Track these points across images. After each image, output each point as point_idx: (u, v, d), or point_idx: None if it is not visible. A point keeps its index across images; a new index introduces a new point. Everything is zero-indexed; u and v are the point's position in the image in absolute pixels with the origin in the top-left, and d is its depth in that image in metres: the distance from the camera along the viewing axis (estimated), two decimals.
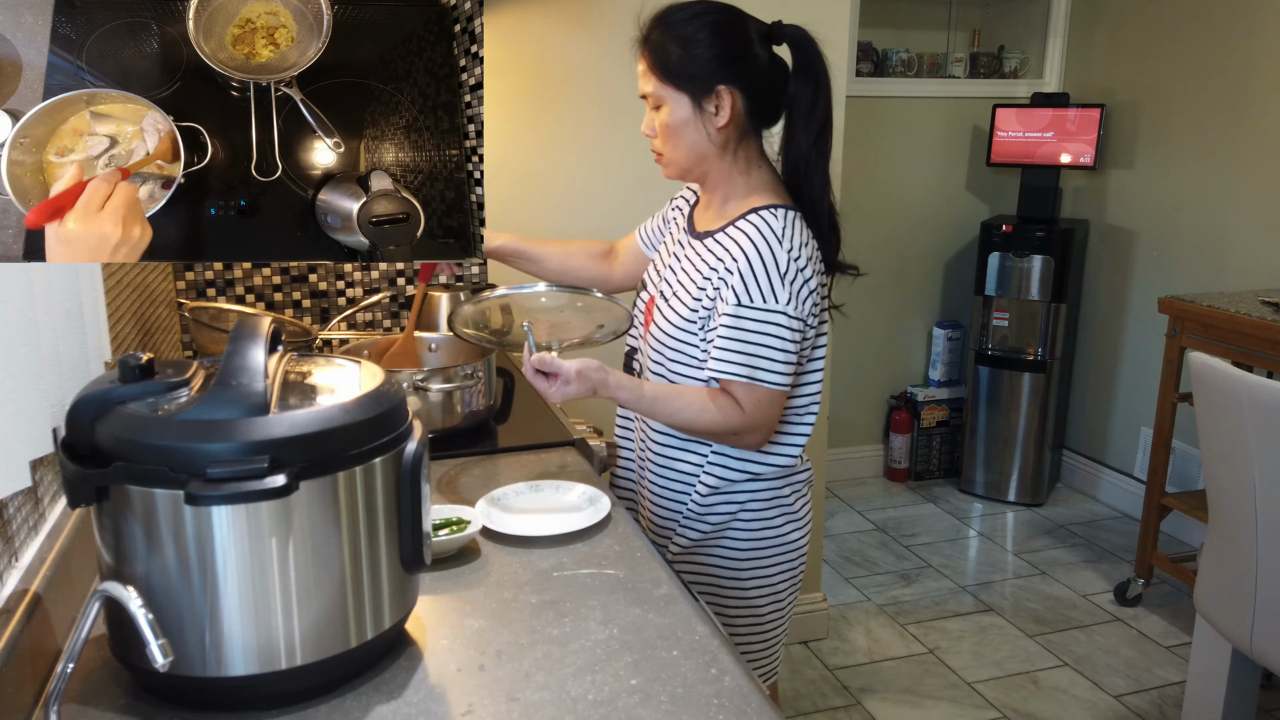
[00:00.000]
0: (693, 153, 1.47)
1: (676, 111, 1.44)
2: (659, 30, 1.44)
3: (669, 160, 1.49)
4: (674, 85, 1.43)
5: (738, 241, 1.44)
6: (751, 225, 1.44)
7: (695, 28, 1.42)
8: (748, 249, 1.42)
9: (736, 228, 1.46)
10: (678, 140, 1.46)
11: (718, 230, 1.50)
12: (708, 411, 1.43)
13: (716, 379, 1.44)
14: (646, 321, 1.59)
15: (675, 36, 1.42)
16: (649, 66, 1.44)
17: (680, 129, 1.45)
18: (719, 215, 1.52)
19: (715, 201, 1.54)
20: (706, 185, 1.54)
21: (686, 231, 1.58)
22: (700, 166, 1.49)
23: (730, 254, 1.44)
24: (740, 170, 1.50)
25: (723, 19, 1.43)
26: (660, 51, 1.43)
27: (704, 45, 1.41)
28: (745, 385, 1.42)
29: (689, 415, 1.44)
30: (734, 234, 1.46)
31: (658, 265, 1.63)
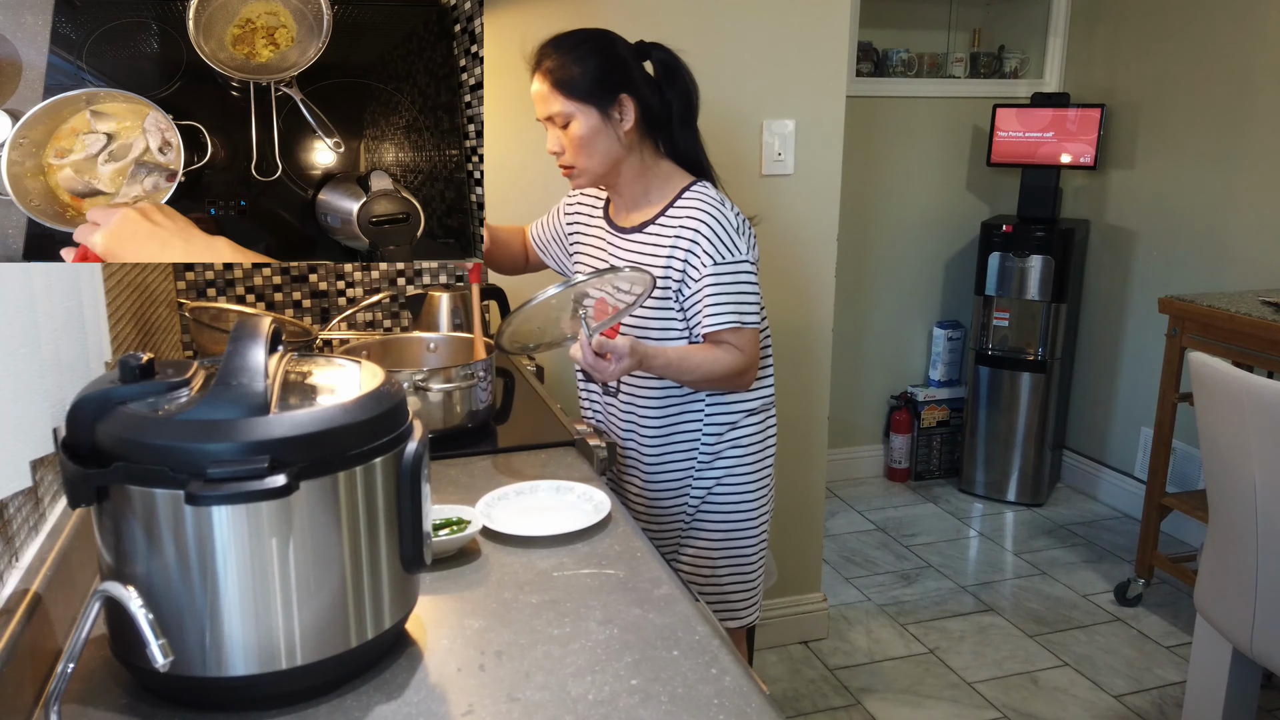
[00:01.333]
0: (606, 158, 1.64)
1: (587, 123, 1.60)
2: (554, 57, 1.60)
3: (582, 170, 1.65)
4: (581, 100, 1.59)
5: (690, 216, 1.63)
6: (695, 200, 1.65)
7: (588, 50, 1.60)
8: (703, 218, 1.62)
9: (679, 207, 1.66)
10: (591, 150, 1.62)
11: (658, 216, 1.68)
12: (720, 360, 1.61)
13: (710, 333, 1.62)
14: None
15: (573, 59, 1.59)
16: (553, 87, 1.59)
17: (593, 139, 1.61)
18: (647, 206, 1.71)
19: (635, 196, 1.71)
20: (618, 186, 1.71)
21: (613, 231, 1.75)
22: (614, 171, 1.67)
23: (686, 228, 1.63)
24: (650, 166, 1.70)
25: (605, 40, 1.63)
26: (560, 73, 1.59)
27: (595, 63, 1.59)
28: (734, 330, 1.62)
29: (708, 367, 1.61)
30: (679, 213, 1.65)
31: (593, 269, 1.77)
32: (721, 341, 1.63)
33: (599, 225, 1.80)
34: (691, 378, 1.63)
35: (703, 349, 1.63)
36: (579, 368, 1.84)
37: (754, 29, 2.44)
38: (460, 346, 1.80)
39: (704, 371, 1.61)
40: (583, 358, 1.50)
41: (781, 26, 2.43)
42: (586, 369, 1.51)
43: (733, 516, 1.77)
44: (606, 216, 1.79)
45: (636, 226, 1.71)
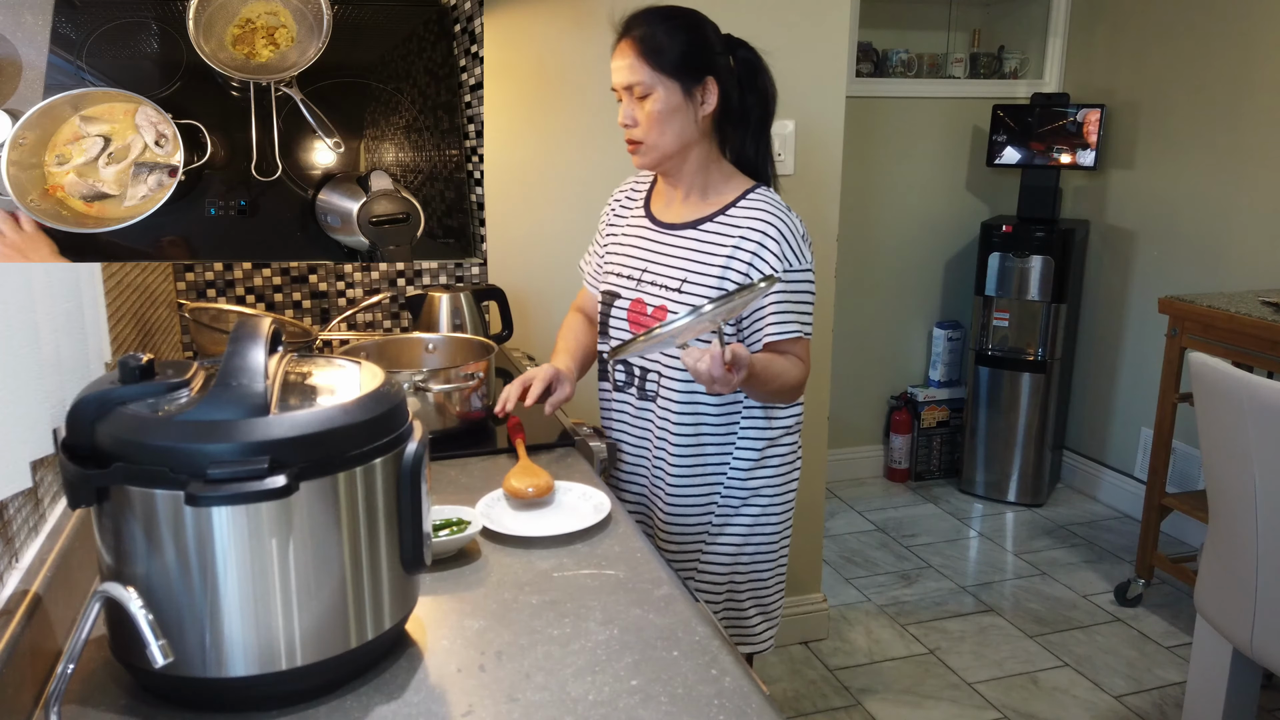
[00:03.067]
0: (679, 139, 1.56)
1: (668, 99, 1.52)
2: (646, 25, 1.53)
3: (651, 147, 1.56)
4: (667, 74, 1.51)
5: (758, 219, 1.55)
6: (762, 204, 1.57)
7: (681, 24, 1.54)
8: (773, 222, 1.54)
9: (742, 209, 1.58)
10: (664, 127, 1.54)
11: (715, 215, 1.59)
12: (790, 371, 1.54)
13: (774, 342, 1.54)
14: (641, 323, 1.63)
15: (664, 30, 1.52)
16: (640, 56, 1.51)
17: (670, 116, 1.53)
18: (702, 203, 1.62)
19: (692, 188, 1.63)
20: (679, 175, 1.62)
21: (656, 228, 1.66)
22: (681, 155, 1.58)
23: (752, 229, 1.55)
24: (714, 160, 1.62)
25: (698, 20, 1.57)
26: (652, 42, 1.51)
27: (689, 39, 1.53)
28: (795, 340, 1.55)
29: (784, 378, 1.53)
30: (742, 215, 1.57)
31: (626, 269, 1.68)
32: (785, 352, 1.55)
33: (638, 221, 1.70)
34: (767, 389, 1.52)
35: (778, 358, 1.53)
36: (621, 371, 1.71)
37: (754, 29, 2.43)
38: (460, 347, 1.80)
39: (780, 383, 1.52)
40: (708, 369, 1.34)
41: (781, 26, 2.43)
42: (706, 380, 1.35)
43: (757, 536, 1.68)
44: (649, 212, 1.70)
45: (688, 223, 1.62)
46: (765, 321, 1.55)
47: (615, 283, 1.69)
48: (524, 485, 1.39)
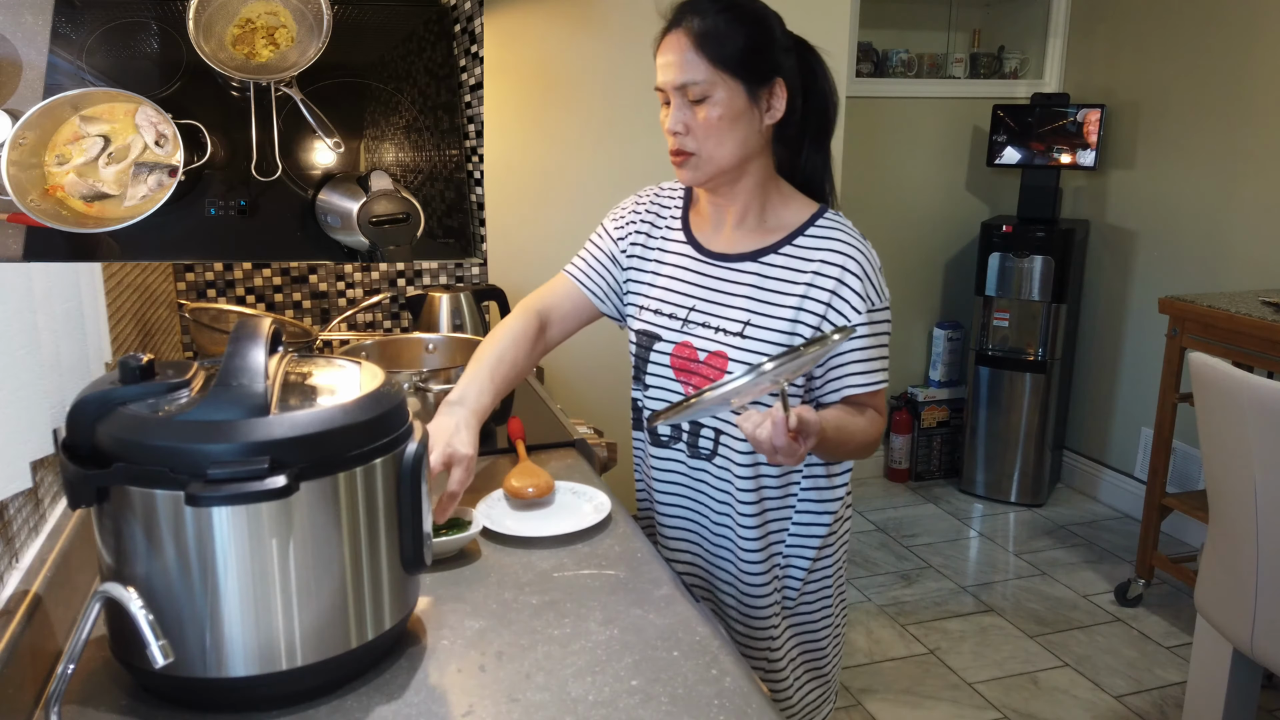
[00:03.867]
0: (740, 151, 1.30)
1: (733, 102, 1.27)
2: (706, 14, 1.26)
3: (707, 159, 1.30)
4: (730, 72, 1.26)
5: (835, 250, 1.32)
6: (837, 233, 1.34)
7: (744, 14, 1.28)
8: (853, 255, 1.32)
9: (814, 237, 1.34)
10: (725, 136, 1.28)
11: (782, 244, 1.35)
12: (868, 429, 1.32)
13: (858, 395, 1.33)
14: (688, 370, 1.39)
15: (726, 20, 1.26)
16: (697, 49, 1.25)
17: (732, 123, 1.27)
18: (761, 228, 1.37)
19: (748, 213, 1.38)
20: (733, 194, 1.36)
21: (704, 259, 1.40)
22: (739, 169, 1.33)
23: (827, 264, 1.32)
24: (773, 178, 1.37)
25: (764, 11, 1.31)
26: (713, 35, 1.25)
27: (755, 32, 1.27)
28: (876, 392, 1.34)
29: (861, 437, 1.31)
30: (816, 245, 1.33)
31: (668, 306, 1.41)
32: (865, 405, 1.34)
33: (678, 248, 1.43)
34: (841, 451, 1.31)
35: (854, 415, 1.32)
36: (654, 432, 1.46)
37: None
38: (460, 347, 1.80)
39: (856, 443, 1.31)
40: (769, 438, 1.12)
41: None
42: (767, 450, 1.13)
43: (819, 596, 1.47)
44: (691, 239, 1.43)
45: (747, 254, 1.36)
46: (847, 371, 1.32)
47: (654, 321, 1.43)
48: (524, 485, 1.39)
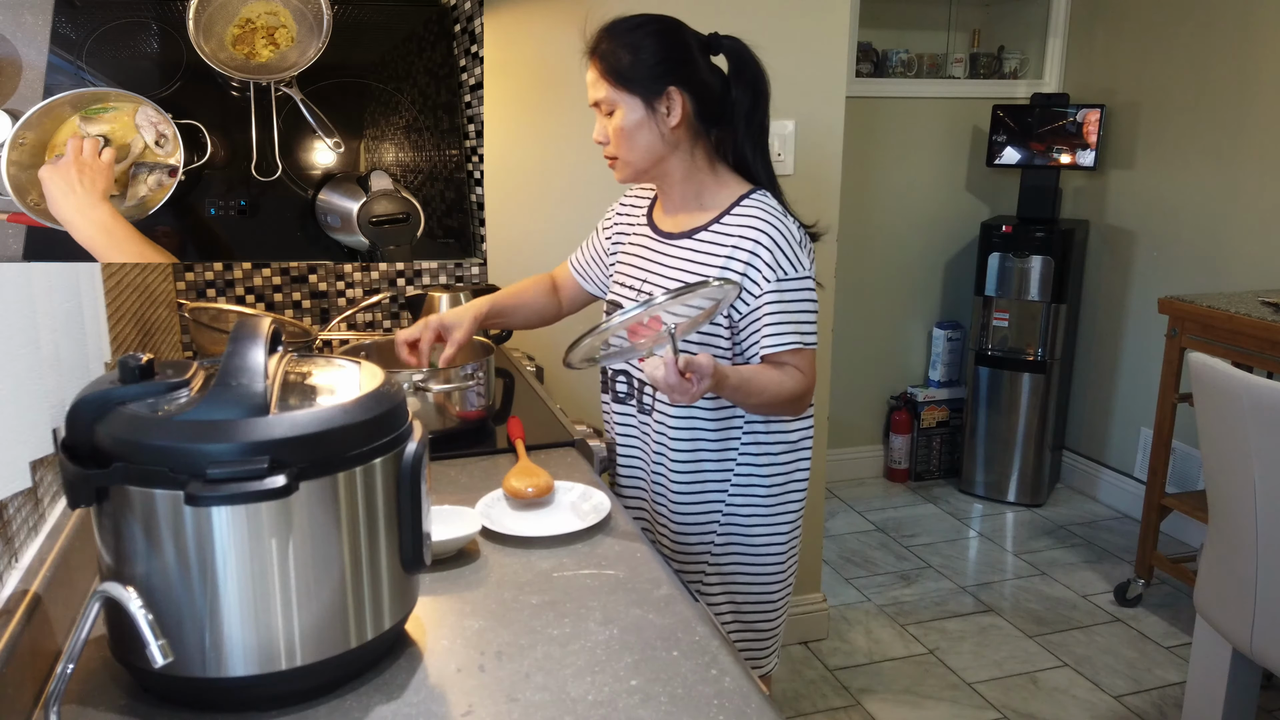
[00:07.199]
0: (648, 153, 1.53)
1: (630, 114, 1.50)
2: (607, 40, 1.51)
3: (624, 162, 1.55)
4: (626, 89, 1.50)
5: (749, 226, 1.51)
6: (754, 210, 1.53)
7: (641, 35, 1.50)
8: (765, 229, 1.50)
9: (735, 216, 1.54)
10: (632, 142, 1.52)
11: (710, 224, 1.56)
12: (784, 383, 1.49)
13: (770, 354, 1.50)
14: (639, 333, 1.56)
15: (624, 44, 1.50)
16: (600, 74, 1.51)
17: (634, 131, 1.51)
18: (699, 211, 1.59)
19: (685, 198, 1.60)
20: (666, 185, 1.60)
21: (656, 237, 1.63)
22: (656, 167, 1.56)
23: (744, 238, 1.51)
24: (703, 168, 1.58)
25: (665, 27, 1.53)
26: (611, 59, 1.50)
27: (650, 50, 1.50)
28: (795, 351, 1.50)
29: (774, 389, 1.48)
30: (735, 223, 1.53)
31: (629, 279, 1.65)
32: (782, 364, 1.50)
33: (641, 231, 1.68)
34: (756, 401, 1.48)
35: (768, 370, 1.49)
36: (621, 383, 1.68)
37: (753, 29, 2.43)
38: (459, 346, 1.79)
39: (770, 395, 1.47)
40: (664, 377, 1.32)
41: (781, 27, 2.43)
42: (664, 388, 1.33)
43: (761, 555, 1.64)
44: (650, 221, 1.67)
45: (684, 233, 1.59)
46: (760, 334, 1.51)
47: (618, 293, 1.67)
48: (524, 485, 1.39)
